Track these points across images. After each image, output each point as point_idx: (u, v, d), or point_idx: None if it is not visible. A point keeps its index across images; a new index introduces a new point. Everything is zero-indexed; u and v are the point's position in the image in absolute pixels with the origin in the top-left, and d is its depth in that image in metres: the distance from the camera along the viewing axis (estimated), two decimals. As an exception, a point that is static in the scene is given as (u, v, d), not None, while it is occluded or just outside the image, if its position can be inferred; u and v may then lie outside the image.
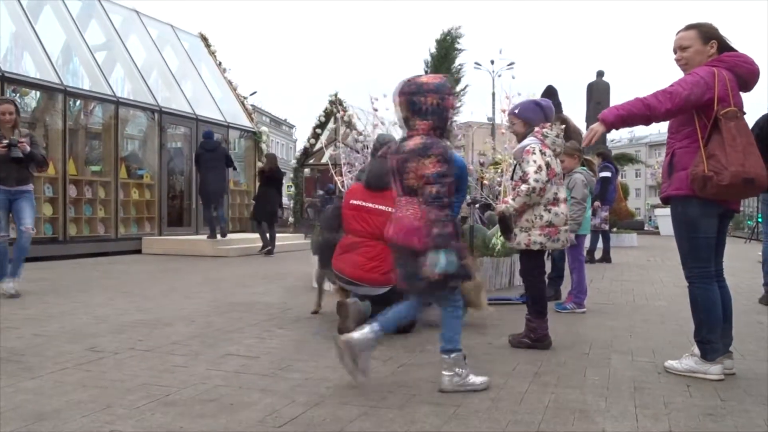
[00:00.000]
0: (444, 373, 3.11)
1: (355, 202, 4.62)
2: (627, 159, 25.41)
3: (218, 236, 11.71)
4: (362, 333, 3.13)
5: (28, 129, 6.36)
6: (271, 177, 11.88)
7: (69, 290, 6.54)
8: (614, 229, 13.32)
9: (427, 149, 3.01)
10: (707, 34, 3.41)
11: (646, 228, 24.96)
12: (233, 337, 4.31)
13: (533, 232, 4.02)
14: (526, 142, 4.05)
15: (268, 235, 11.82)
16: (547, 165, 3.97)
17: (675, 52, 3.48)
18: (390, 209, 4.45)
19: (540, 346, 4.02)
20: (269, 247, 11.75)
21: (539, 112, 4.17)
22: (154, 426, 2.57)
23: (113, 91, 12.16)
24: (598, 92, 17.86)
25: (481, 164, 11.89)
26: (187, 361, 3.64)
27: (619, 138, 75.24)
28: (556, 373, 3.46)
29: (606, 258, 10.38)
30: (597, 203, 9.26)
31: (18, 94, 11.20)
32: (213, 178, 11.50)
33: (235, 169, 13.73)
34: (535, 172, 3.90)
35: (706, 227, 3.36)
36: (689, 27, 3.47)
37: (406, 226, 3.09)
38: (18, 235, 6.25)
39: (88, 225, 11.47)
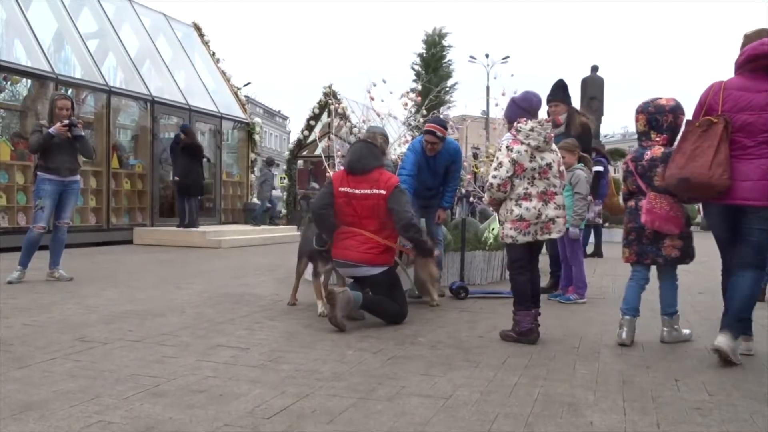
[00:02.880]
0: (664, 329, 4.10)
1: (342, 189, 4.64)
2: (620, 154, 25.45)
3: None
4: None
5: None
6: (191, 149, 11.98)
7: (59, 280, 6.49)
8: (606, 224, 13.36)
9: (667, 157, 3.81)
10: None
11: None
12: (224, 329, 4.30)
13: (506, 226, 4.10)
14: (502, 139, 4.15)
15: (188, 208, 12.07)
16: (514, 161, 4.03)
17: None
18: (373, 191, 4.53)
19: (524, 340, 4.00)
20: (188, 221, 12.03)
21: (514, 108, 4.43)
22: (143, 416, 2.56)
23: (105, 80, 12.07)
24: (592, 87, 17.86)
25: (475, 156, 11.91)
26: (177, 351, 3.63)
27: (612, 133, 75.39)
28: (546, 367, 3.47)
29: (597, 252, 10.41)
30: (590, 197, 9.27)
31: (9, 82, 11.11)
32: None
33: (209, 161, 13.97)
34: (495, 170, 4.10)
35: (712, 225, 3.80)
36: None
37: (663, 216, 3.85)
38: (55, 229, 6.50)
39: (80, 215, 11.40)
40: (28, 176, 10.55)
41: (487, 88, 29.87)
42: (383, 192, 4.53)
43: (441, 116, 7.17)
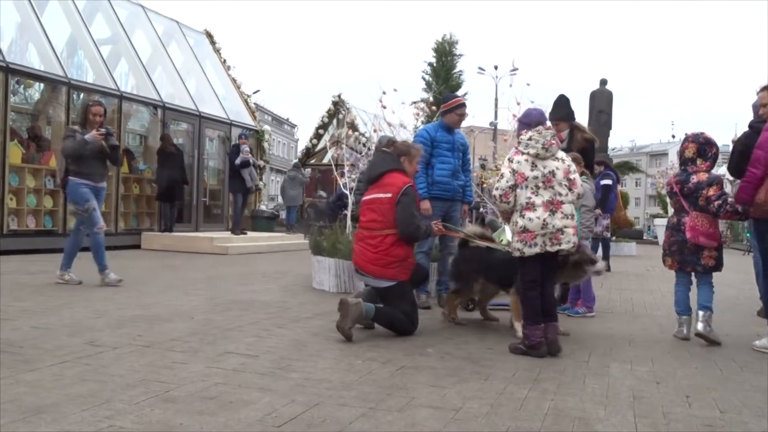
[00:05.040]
0: (700, 322, 4.56)
1: (364, 198, 4.78)
2: (628, 168, 25.44)
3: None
4: None
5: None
6: (169, 156, 12.26)
7: (68, 283, 6.52)
8: (614, 238, 13.32)
9: (712, 181, 4.52)
10: None
11: (645, 237, 24.97)
12: (232, 335, 4.30)
13: (514, 239, 4.12)
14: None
15: (165, 213, 12.51)
16: (514, 171, 4.09)
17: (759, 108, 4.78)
18: (381, 195, 4.57)
19: (533, 353, 3.98)
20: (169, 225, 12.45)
21: (518, 126, 4.66)
22: (153, 422, 2.57)
23: (117, 86, 12.16)
24: (601, 100, 17.88)
25: (482, 167, 11.91)
26: (187, 357, 3.64)
27: (620, 147, 75.32)
28: (556, 380, 3.46)
29: (605, 266, 10.38)
30: (598, 211, 9.26)
31: (22, 86, 11.21)
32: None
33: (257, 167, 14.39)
34: (497, 182, 4.20)
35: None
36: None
37: (704, 232, 4.51)
38: (93, 237, 6.58)
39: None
40: (38, 179, 10.62)
41: (496, 100, 29.93)
42: (389, 195, 4.53)
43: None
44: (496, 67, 34.40)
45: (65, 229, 10.80)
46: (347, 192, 8.80)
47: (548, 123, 4.41)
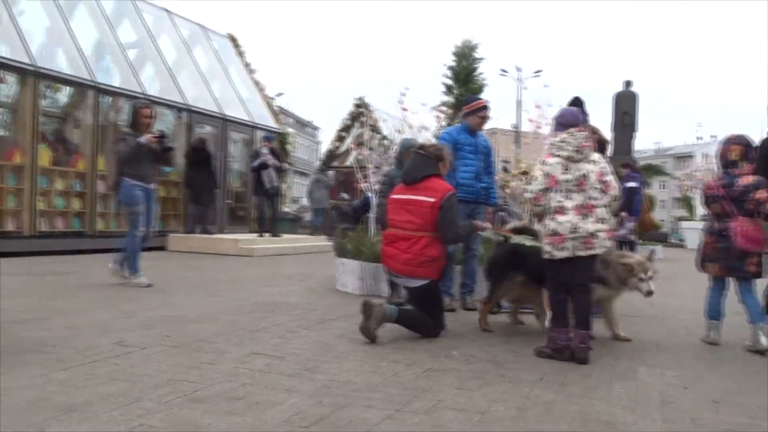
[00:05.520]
0: (761, 333, 4.42)
1: (394, 196, 4.78)
2: (653, 170, 25.10)
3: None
4: None
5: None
6: (203, 159, 12.50)
7: (96, 284, 6.64)
8: (640, 241, 13.15)
9: (759, 185, 4.42)
10: None
11: (671, 240, 24.62)
12: (258, 337, 4.34)
13: (544, 241, 4.07)
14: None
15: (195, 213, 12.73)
16: (547, 174, 4.04)
17: None
18: (422, 198, 4.57)
19: (558, 357, 3.95)
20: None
21: (552, 125, 4.53)
22: (182, 421, 2.60)
23: (143, 89, 12.34)
24: (625, 102, 17.71)
25: (505, 170, 11.86)
26: (214, 358, 3.68)
27: (645, 149, 74.39)
28: (582, 384, 3.44)
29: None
30: (624, 214, 9.18)
31: (50, 89, 11.41)
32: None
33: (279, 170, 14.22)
34: (529, 184, 4.20)
35: None
36: None
37: (753, 238, 4.40)
38: (144, 238, 6.76)
39: (116, 220, 11.63)
40: (66, 181, 10.82)
41: (518, 102, 29.79)
42: (432, 200, 4.52)
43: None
44: (518, 69, 34.32)
45: (93, 230, 11.00)
46: (372, 195, 8.81)
47: (582, 125, 4.32)
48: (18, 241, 9.72)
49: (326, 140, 33.83)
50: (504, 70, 35.29)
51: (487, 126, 6.73)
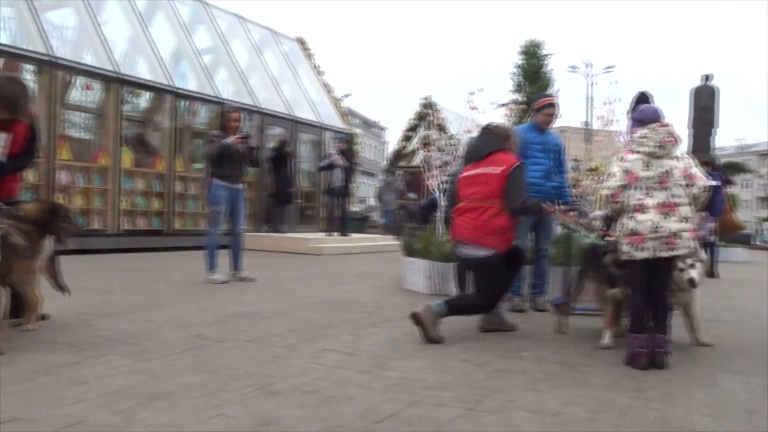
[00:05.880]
0: None
1: (463, 174, 4.80)
2: (735, 168, 23.92)
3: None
4: None
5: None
6: (285, 160, 12.97)
7: (173, 280, 6.92)
8: (722, 243, 12.55)
9: None
10: None
11: (755, 242, 23.36)
12: (329, 333, 4.42)
13: (622, 241, 3.90)
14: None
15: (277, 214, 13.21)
16: (626, 170, 3.90)
17: None
18: (489, 169, 4.56)
19: (633, 365, 3.76)
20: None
21: (631, 123, 4.35)
22: (259, 412, 2.69)
23: (217, 92, 12.77)
24: (705, 97, 16.96)
25: (574, 169, 11.59)
26: (287, 353, 3.78)
27: (726, 146, 70.91)
28: (660, 390, 3.32)
29: (711, 272, 9.81)
30: (704, 214, 8.78)
31: (132, 95, 11.98)
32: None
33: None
34: (606, 181, 4.01)
35: None
36: None
37: None
38: (235, 237, 7.13)
39: (192, 219, 12.10)
40: (147, 182, 11.34)
41: (589, 98, 29.04)
42: (499, 170, 4.50)
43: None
44: (588, 65, 33.41)
45: (171, 229, 11.48)
46: (439, 194, 8.80)
47: (664, 120, 4.13)
48: (103, 238, 10.26)
49: (393, 140, 33.96)
50: (573, 67, 34.45)
51: (557, 124, 6.61)
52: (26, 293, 4.04)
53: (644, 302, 3.89)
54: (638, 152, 3.91)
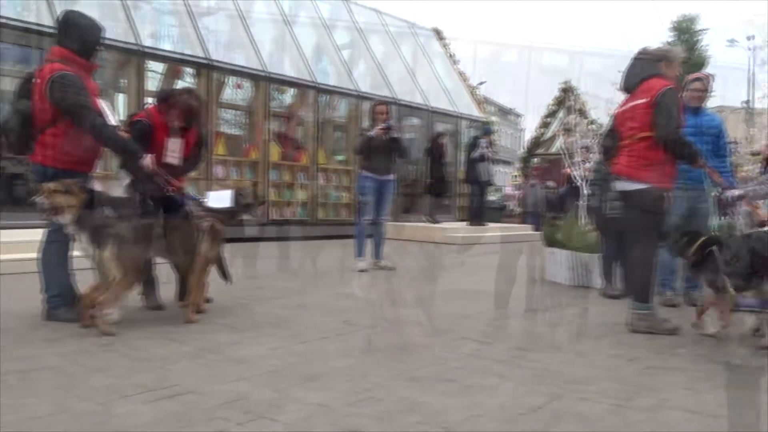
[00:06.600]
0: None
1: (618, 110, 4.47)
2: None
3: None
4: None
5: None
6: (442, 154, 13.16)
7: (319, 267, 7.28)
8: None
9: None
10: None
11: None
12: (465, 322, 4.43)
13: None
14: None
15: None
16: None
17: None
18: (637, 101, 4.14)
19: None
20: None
21: None
22: (403, 397, 2.78)
23: (356, 86, 13.15)
24: None
25: (732, 152, 10.63)
26: (426, 341, 3.85)
27: None
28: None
29: None
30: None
31: (278, 92, 12.69)
32: None
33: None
34: None
35: None
36: None
37: None
38: (376, 227, 7.37)
39: (334, 209, 12.61)
40: (294, 174, 11.99)
41: (752, 75, 26.42)
42: (645, 100, 4.11)
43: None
44: (749, 38, 30.30)
45: (315, 218, 12.06)
46: (581, 182, 8.46)
47: None
48: (254, 228, 10.99)
49: (530, 127, 33.09)
50: (732, 40, 31.38)
51: (714, 104, 6.09)
52: (201, 279, 4.30)
53: None
54: None
